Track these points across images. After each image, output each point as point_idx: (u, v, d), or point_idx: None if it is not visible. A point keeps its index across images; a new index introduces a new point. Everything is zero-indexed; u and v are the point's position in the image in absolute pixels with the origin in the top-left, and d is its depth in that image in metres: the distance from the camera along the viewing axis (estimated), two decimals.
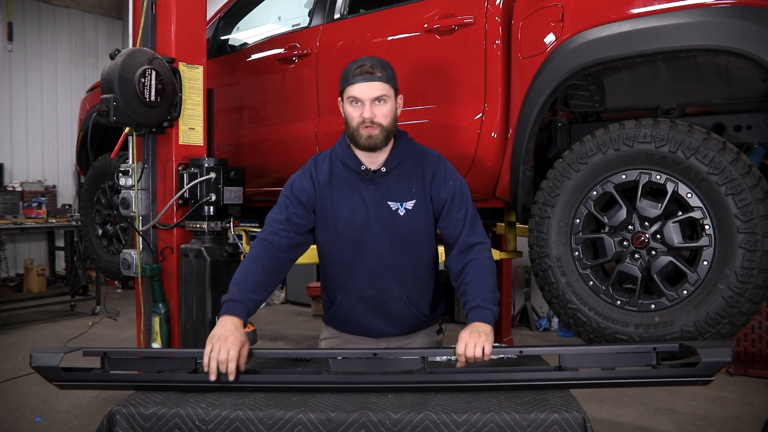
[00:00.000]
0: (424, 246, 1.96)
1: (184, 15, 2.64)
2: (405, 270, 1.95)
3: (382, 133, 1.85)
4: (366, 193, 1.92)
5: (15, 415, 3.69)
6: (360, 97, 1.83)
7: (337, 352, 1.79)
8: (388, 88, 1.85)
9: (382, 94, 1.83)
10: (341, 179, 1.94)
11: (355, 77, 1.83)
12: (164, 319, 2.58)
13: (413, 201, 1.91)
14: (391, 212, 1.91)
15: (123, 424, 1.48)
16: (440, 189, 1.91)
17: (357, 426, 1.45)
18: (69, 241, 7.10)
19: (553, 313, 2.50)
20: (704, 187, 1.88)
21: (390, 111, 1.86)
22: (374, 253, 1.93)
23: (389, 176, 1.92)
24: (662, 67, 2.13)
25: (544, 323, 6.07)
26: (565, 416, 1.42)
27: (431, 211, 1.93)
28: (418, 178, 1.92)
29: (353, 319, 2.03)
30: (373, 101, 1.83)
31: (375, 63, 1.85)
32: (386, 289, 1.96)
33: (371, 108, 1.83)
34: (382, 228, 1.91)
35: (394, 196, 1.91)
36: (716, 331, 1.86)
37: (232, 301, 1.73)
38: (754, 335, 4.53)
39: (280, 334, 5.99)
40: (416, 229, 1.92)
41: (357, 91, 1.83)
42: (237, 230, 2.75)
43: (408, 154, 1.94)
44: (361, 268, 1.95)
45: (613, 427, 3.51)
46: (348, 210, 1.92)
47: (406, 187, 1.92)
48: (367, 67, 1.83)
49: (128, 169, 2.67)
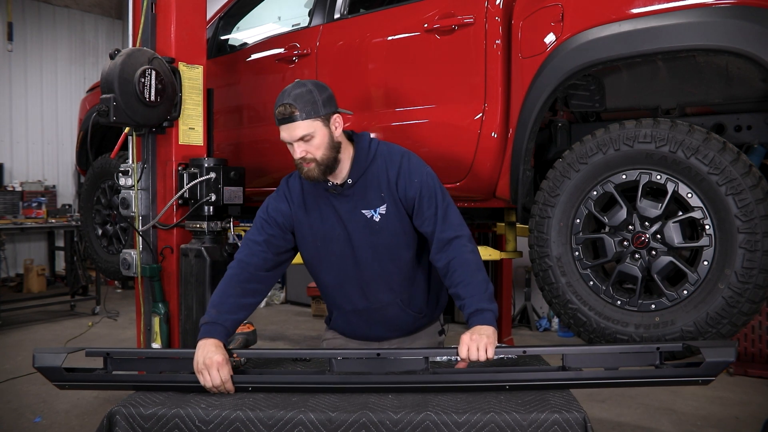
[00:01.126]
0: (405, 247, 1.95)
1: (184, 15, 2.64)
2: (392, 275, 1.95)
3: (318, 167, 1.83)
4: (339, 206, 1.92)
5: (15, 415, 3.69)
6: (287, 140, 1.83)
7: (339, 353, 1.79)
8: (310, 123, 1.79)
9: (305, 134, 1.80)
10: (313, 197, 1.94)
11: (278, 122, 1.82)
12: (164, 319, 2.58)
13: (384, 205, 1.90)
14: (366, 220, 1.90)
15: (123, 425, 1.48)
16: (407, 188, 1.89)
17: (357, 426, 1.45)
18: (69, 241, 7.09)
19: (554, 313, 2.50)
20: (704, 187, 1.88)
21: (321, 143, 1.82)
22: (359, 263, 1.93)
23: (357, 186, 1.90)
24: (662, 67, 2.13)
25: (544, 323, 6.07)
26: (566, 416, 1.42)
27: (404, 211, 1.91)
28: (383, 181, 1.90)
29: (351, 332, 2.06)
30: (300, 140, 1.81)
31: (293, 102, 1.79)
32: (378, 298, 1.96)
33: (298, 147, 1.82)
34: (361, 237, 1.91)
35: (366, 204, 1.90)
36: (716, 331, 1.86)
37: (210, 324, 1.75)
38: (754, 335, 4.53)
39: (280, 334, 5.99)
40: (394, 232, 1.91)
41: (284, 136, 1.83)
42: (237, 230, 2.75)
43: (371, 158, 1.91)
44: (348, 281, 1.95)
45: (613, 427, 3.51)
46: (325, 226, 1.93)
47: (375, 193, 1.90)
48: (285, 110, 1.79)
49: (128, 169, 2.67)
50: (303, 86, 1.82)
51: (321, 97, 1.82)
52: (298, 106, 1.78)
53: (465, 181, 2.41)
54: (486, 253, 2.95)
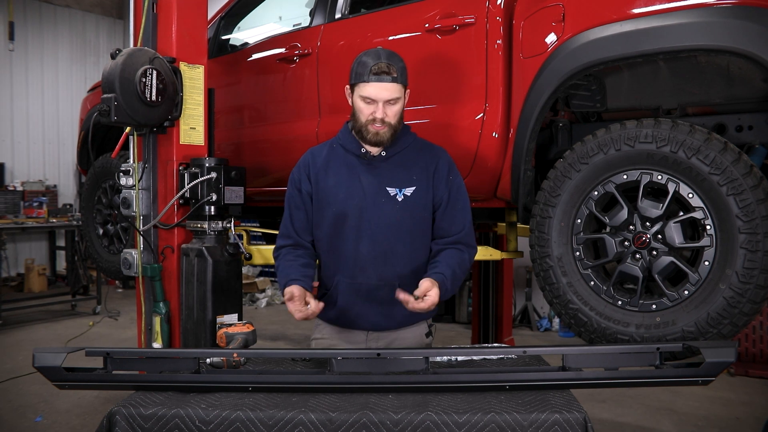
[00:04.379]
0: (420, 234, 1.96)
1: (185, 14, 2.64)
2: (400, 257, 1.95)
3: (389, 131, 1.88)
4: (364, 176, 1.93)
5: (16, 414, 3.69)
6: (374, 97, 1.85)
7: (339, 353, 1.79)
8: (401, 88, 1.87)
9: (396, 96, 1.85)
10: (340, 161, 1.97)
11: (371, 76, 1.83)
12: (165, 318, 2.58)
13: (413, 188, 1.92)
14: (389, 197, 1.92)
15: (123, 425, 1.48)
16: (443, 182, 1.93)
17: (358, 426, 1.44)
18: (70, 241, 7.10)
19: (554, 313, 2.50)
20: (705, 187, 1.88)
21: (400, 110, 1.89)
22: (370, 237, 1.93)
23: (389, 162, 1.93)
24: (663, 67, 2.13)
25: (545, 323, 6.07)
26: (566, 416, 1.42)
27: (431, 201, 1.94)
28: (420, 167, 1.94)
29: (345, 305, 2.00)
30: (386, 102, 1.85)
31: (391, 62, 1.85)
32: (381, 276, 1.95)
33: (384, 108, 1.85)
34: (379, 213, 1.92)
35: (393, 181, 1.92)
36: (717, 331, 1.86)
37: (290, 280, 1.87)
38: (755, 335, 4.53)
39: (280, 333, 5.99)
40: (414, 217, 1.93)
41: (371, 92, 1.84)
42: (238, 230, 2.75)
43: (409, 144, 1.97)
44: (356, 253, 1.95)
45: (613, 427, 3.51)
46: (345, 192, 1.94)
47: (406, 174, 1.93)
48: (383, 66, 1.83)
49: (129, 169, 2.67)
50: (391, 52, 1.88)
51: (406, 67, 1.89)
52: (396, 68, 1.84)
53: (466, 181, 2.40)
54: (487, 253, 2.95)
